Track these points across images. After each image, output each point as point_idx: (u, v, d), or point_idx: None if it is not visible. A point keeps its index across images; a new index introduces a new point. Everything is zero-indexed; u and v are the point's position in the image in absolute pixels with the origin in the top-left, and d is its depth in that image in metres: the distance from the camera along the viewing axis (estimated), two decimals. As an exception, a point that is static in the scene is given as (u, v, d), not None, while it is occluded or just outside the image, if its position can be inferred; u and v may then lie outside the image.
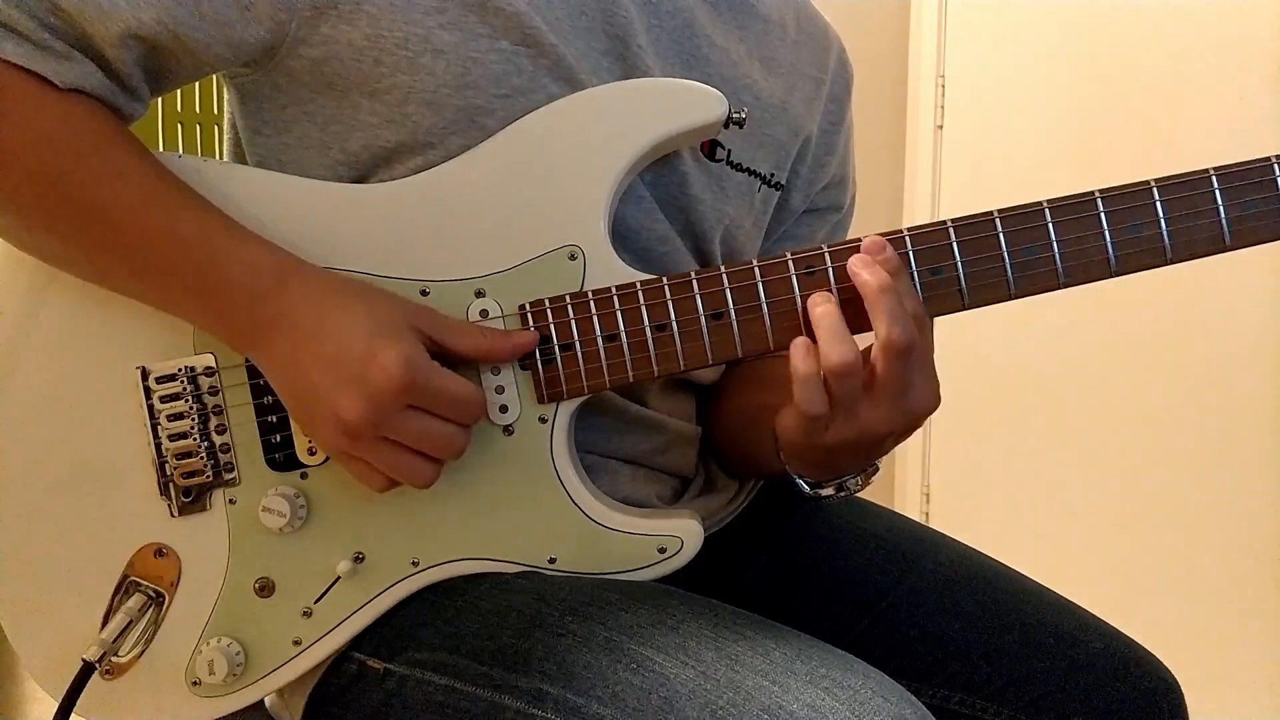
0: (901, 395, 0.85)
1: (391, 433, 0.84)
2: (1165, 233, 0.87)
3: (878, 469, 0.96)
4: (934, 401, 0.88)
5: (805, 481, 0.96)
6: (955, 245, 0.88)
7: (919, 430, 0.94)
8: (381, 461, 0.86)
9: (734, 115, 0.93)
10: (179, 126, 1.79)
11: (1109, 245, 0.87)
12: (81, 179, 0.85)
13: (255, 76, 0.94)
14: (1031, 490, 2.52)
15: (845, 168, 1.19)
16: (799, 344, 0.85)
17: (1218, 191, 0.87)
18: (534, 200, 0.91)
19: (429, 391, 0.83)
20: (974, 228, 0.88)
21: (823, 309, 0.86)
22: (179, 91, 1.79)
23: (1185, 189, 0.87)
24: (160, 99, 0.97)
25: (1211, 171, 0.87)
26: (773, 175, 1.07)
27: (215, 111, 0.99)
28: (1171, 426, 2.40)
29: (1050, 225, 0.87)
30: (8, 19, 0.83)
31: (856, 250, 0.88)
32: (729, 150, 1.01)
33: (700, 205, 1.00)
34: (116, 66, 0.87)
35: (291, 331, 0.84)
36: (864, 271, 0.85)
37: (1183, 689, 1.04)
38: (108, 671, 0.93)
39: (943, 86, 2.72)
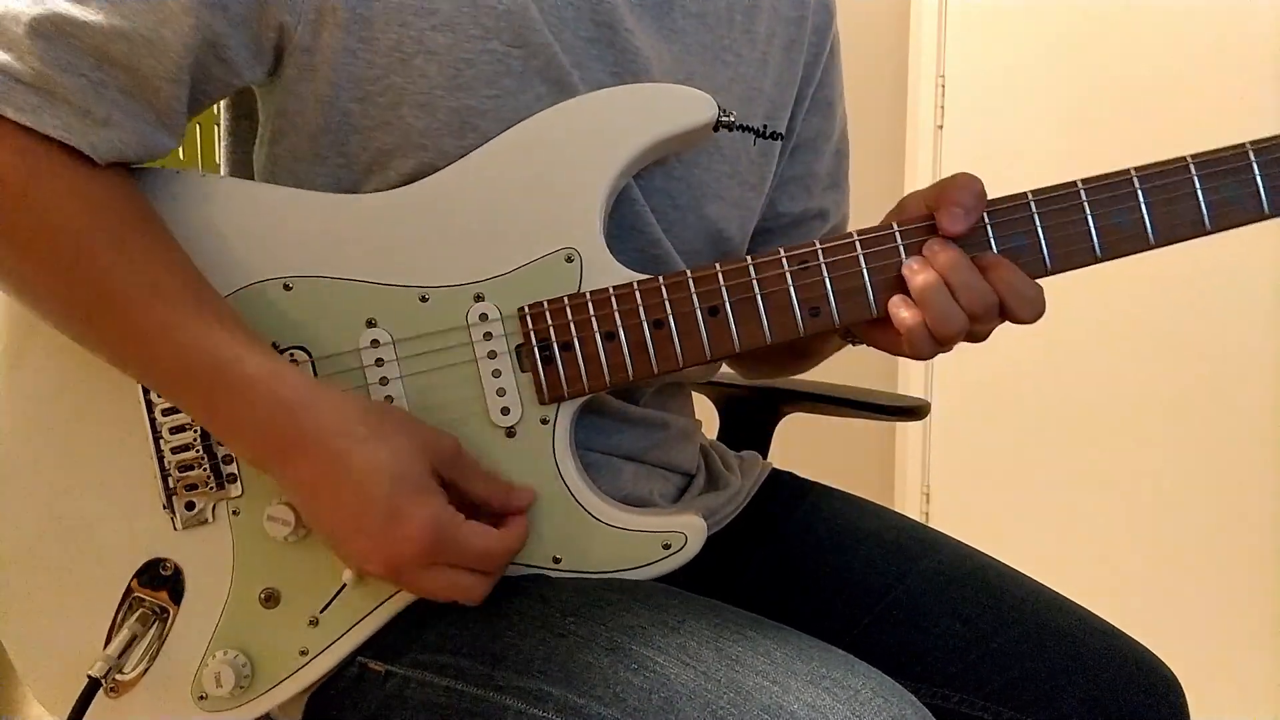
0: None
1: (410, 584, 0.85)
2: (1147, 218, 0.89)
3: None
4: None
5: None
6: (901, 248, 0.90)
7: (919, 430, 0.95)
8: (405, 589, 0.89)
9: (723, 118, 0.93)
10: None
11: (1093, 231, 0.89)
12: (98, 272, 0.83)
13: (270, 85, 0.94)
14: (1031, 490, 2.52)
15: (825, 91, 1.18)
16: (896, 302, 0.89)
17: (1196, 177, 0.89)
18: (530, 204, 0.91)
19: (454, 553, 0.83)
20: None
21: (923, 278, 0.88)
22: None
23: (1165, 176, 0.90)
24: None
25: (1189, 158, 0.90)
26: (766, 126, 1.07)
27: (215, 111, 0.99)
28: (1171, 426, 2.39)
29: (1035, 215, 0.89)
30: (49, 84, 0.81)
31: (850, 245, 0.89)
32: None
33: (695, 169, 1.01)
34: (166, 103, 0.86)
35: (309, 465, 0.83)
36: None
37: (1182, 688, 1.04)
38: (112, 689, 0.92)
39: (943, 86, 2.73)
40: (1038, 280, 0.90)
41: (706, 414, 1.22)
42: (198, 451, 0.91)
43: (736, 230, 1.06)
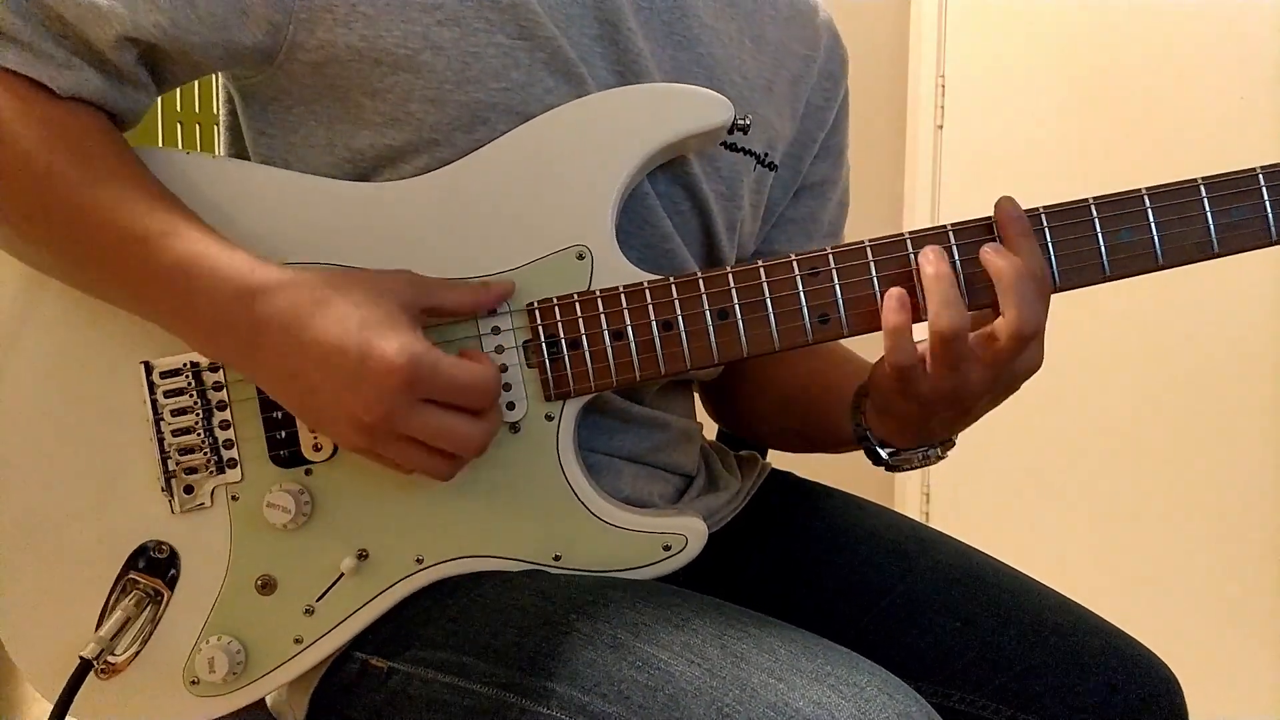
0: (1009, 363, 0.87)
1: (406, 430, 0.82)
2: (1156, 238, 0.89)
3: (953, 443, 0.98)
4: (1036, 365, 0.90)
5: (882, 448, 0.97)
6: (955, 248, 0.89)
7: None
8: (400, 458, 0.85)
9: (739, 121, 0.94)
10: (179, 126, 1.79)
11: (1102, 249, 0.89)
12: (64, 186, 0.84)
13: (259, 78, 0.94)
14: (1031, 490, 2.52)
15: (836, 139, 1.18)
16: (893, 295, 0.87)
17: (1206, 199, 0.89)
18: (542, 200, 0.91)
19: (437, 382, 0.81)
20: (973, 231, 0.90)
21: (935, 269, 0.87)
22: (179, 91, 1.78)
23: (1175, 197, 0.89)
24: (160, 99, 0.97)
25: (1200, 180, 0.89)
26: (766, 155, 1.07)
27: (215, 111, 0.99)
28: (1172, 426, 2.40)
29: (1046, 230, 0.89)
30: (8, 27, 0.83)
31: (862, 252, 0.89)
32: None
33: (703, 186, 1.01)
34: (117, 66, 0.87)
35: (280, 338, 0.82)
36: (998, 259, 0.87)
37: (1182, 688, 1.04)
38: (104, 670, 0.92)
39: (943, 86, 2.72)
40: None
41: (706, 414, 1.22)
42: (199, 435, 0.91)
43: (727, 247, 1.05)
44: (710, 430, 1.22)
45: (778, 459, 1.23)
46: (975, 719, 1.01)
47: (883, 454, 0.98)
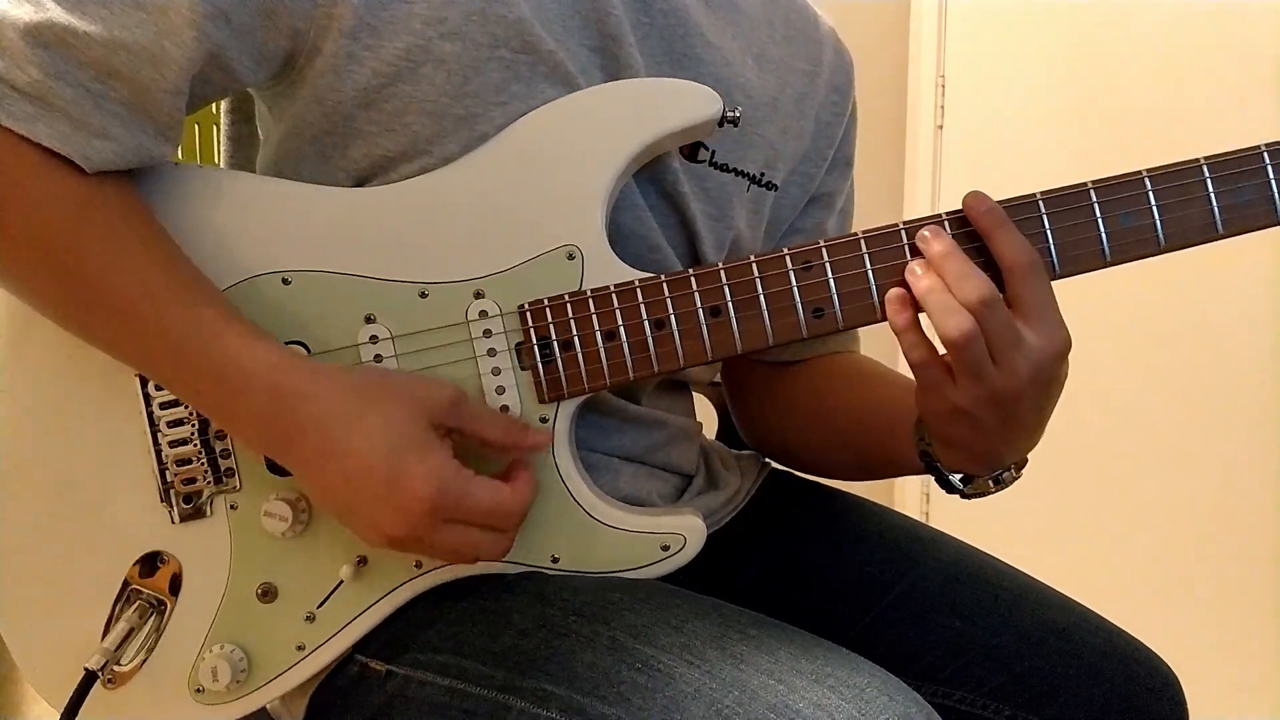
0: (1015, 347, 0.85)
1: (430, 544, 0.84)
2: (1158, 221, 0.88)
3: (1025, 462, 0.95)
4: (1060, 344, 0.86)
5: (953, 476, 0.96)
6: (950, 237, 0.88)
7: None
8: (424, 557, 0.90)
9: (728, 114, 0.93)
10: (178, 126, 1.78)
11: (1102, 235, 0.88)
12: (94, 272, 0.83)
13: (278, 88, 0.94)
14: (1031, 490, 2.50)
15: (845, 151, 1.18)
16: (892, 297, 0.87)
17: (1209, 180, 0.88)
18: (531, 200, 0.91)
19: (463, 507, 0.83)
20: (962, 221, 0.89)
21: (924, 284, 0.86)
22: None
23: (1177, 178, 0.88)
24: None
25: (1202, 160, 0.88)
26: (763, 175, 1.06)
27: (215, 111, 0.99)
28: (1172, 426, 2.39)
29: (1044, 216, 0.88)
30: (46, 93, 0.80)
31: (855, 244, 0.89)
32: (712, 151, 1.01)
33: (691, 205, 1.00)
34: (165, 114, 0.86)
35: (314, 445, 0.83)
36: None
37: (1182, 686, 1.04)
38: (110, 680, 0.92)
39: (943, 86, 2.72)
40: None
41: (706, 414, 1.22)
42: (195, 445, 0.91)
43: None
44: (710, 429, 1.22)
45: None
46: (976, 718, 1.01)
47: (954, 482, 0.96)
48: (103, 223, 0.84)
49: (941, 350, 0.86)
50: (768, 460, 1.23)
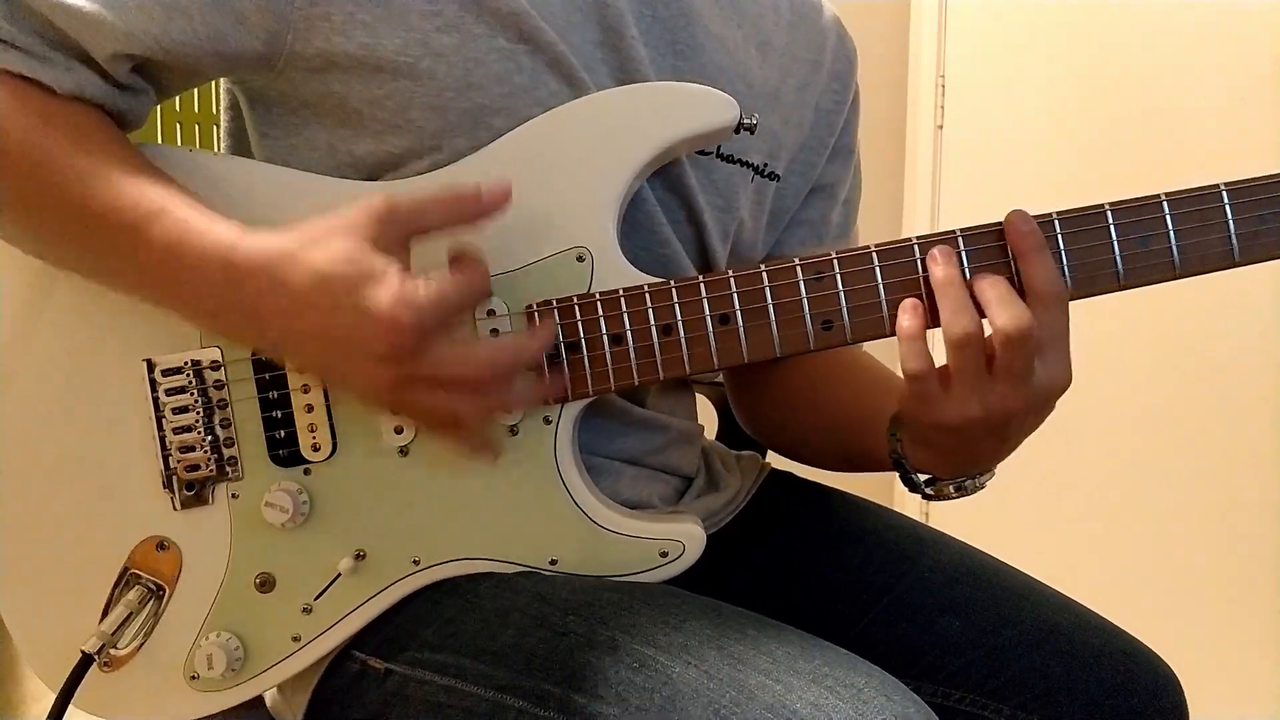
0: (1025, 378, 0.85)
1: (430, 372, 0.80)
2: (1174, 246, 0.87)
3: (993, 473, 0.96)
4: (1063, 382, 0.87)
5: (920, 476, 0.96)
6: (964, 254, 0.88)
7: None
8: (443, 406, 0.82)
9: (744, 121, 0.93)
10: (178, 126, 1.79)
11: (1117, 258, 0.88)
12: (59, 176, 0.84)
13: (261, 82, 0.93)
14: (1031, 490, 2.52)
15: (847, 139, 1.17)
16: (906, 304, 0.87)
17: (1228, 206, 0.87)
18: (543, 202, 0.91)
19: (440, 312, 0.79)
20: (982, 236, 0.88)
21: (944, 274, 0.86)
22: (179, 93, 1.79)
23: (1195, 203, 0.87)
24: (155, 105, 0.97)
25: (1222, 186, 0.87)
26: (766, 165, 1.06)
27: (215, 111, 0.99)
28: (1171, 426, 2.39)
29: (1059, 237, 0.87)
30: (7, 35, 0.83)
31: (867, 256, 0.88)
32: (719, 143, 1.01)
33: (697, 198, 1.00)
34: (114, 76, 0.88)
35: (275, 307, 0.80)
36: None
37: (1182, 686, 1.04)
38: (106, 664, 0.93)
39: (943, 86, 2.72)
40: None
41: (706, 414, 1.22)
42: (199, 433, 0.91)
43: (721, 256, 1.05)
44: (710, 429, 1.23)
45: (778, 459, 1.24)
46: (976, 718, 1.02)
47: (919, 481, 0.97)
48: (69, 127, 0.85)
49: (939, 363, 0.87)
50: (768, 460, 1.24)
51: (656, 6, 0.99)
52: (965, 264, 0.88)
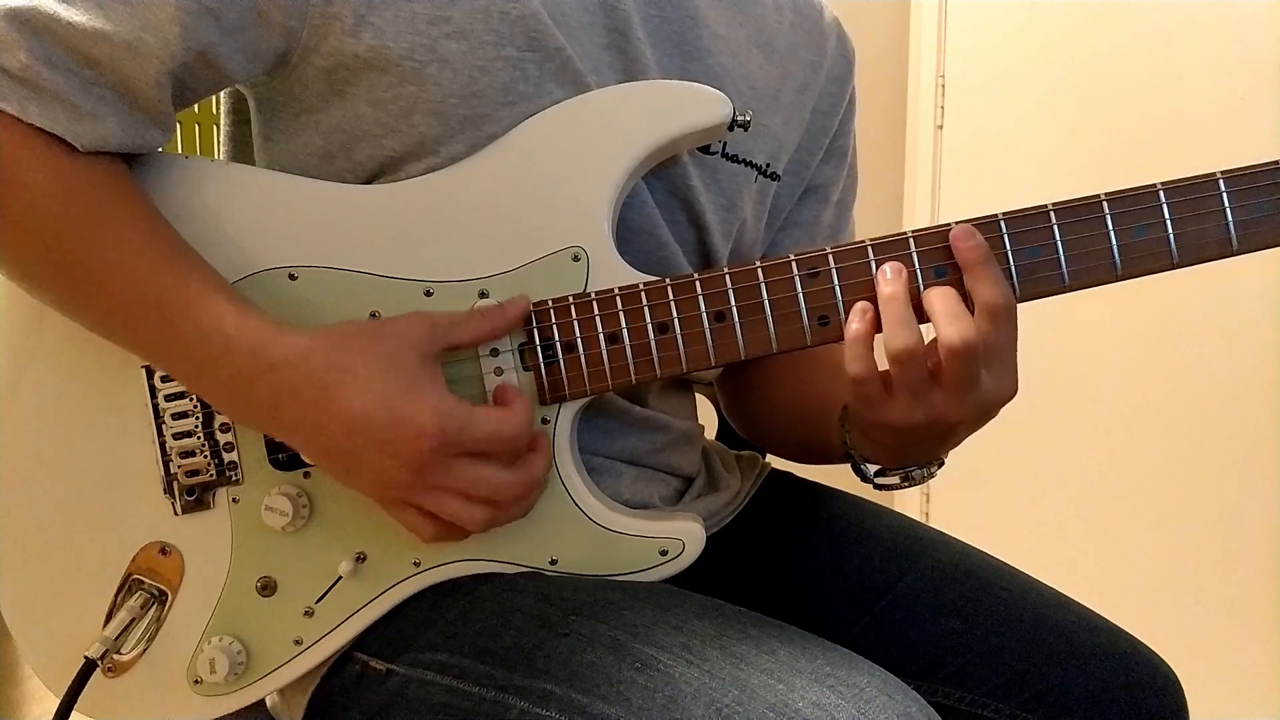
0: (970, 388, 0.85)
1: (442, 484, 0.84)
2: (1171, 236, 0.87)
3: (943, 462, 0.97)
4: (1009, 392, 0.88)
5: (869, 467, 0.97)
6: (916, 258, 0.88)
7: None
8: (437, 508, 0.85)
9: (738, 118, 0.93)
10: (178, 126, 1.79)
11: (1114, 248, 0.87)
12: (77, 242, 0.84)
13: (272, 84, 0.94)
14: (1031, 490, 2.52)
15: (841, 141, 1.17)
16: (859, 307, 0.87)
17: (1225, 194, 0.87)
18: (538, 201, 0.91)
19: (469, 436, 0.83)
20: (931, 239, 0.88)
21: (890, 290, 0.86)
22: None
23: (1192, 192, 0.87)
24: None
25: (1219, 174, 0.87)
26: (768, 165, 1.07)
27: (215, 111, 0.99)
28: (1172, 426, 2.39)
29: (1055, 227, 0.87)
30: (35, 76, 0.82)
31: (863, 251, 0.88)
32: (724, 143, 1.01)
33: (700, 199, 1.01)
34: (152, 104, 0.87)
35: (303, 412, 0.82)
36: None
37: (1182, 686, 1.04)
38: (109, 669, 0.93)
39: (943, 86, 2.72)
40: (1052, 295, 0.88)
41: (706, 414, 1.22)
42: (199, 438, 0.92)
43: (723, 257, 1.05)
44: (710, 429, 1.23)
45: (778, 459, 1.24)
46: (976, 718, 1.02)
47: (868, 472, 0.98)
48: (89, 198, 0.85)
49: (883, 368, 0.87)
50: (768, 460, 1.24)
51: (663, 7, 0.99)
52: (918, 269, 0.88)
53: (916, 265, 0.88)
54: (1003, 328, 0.86)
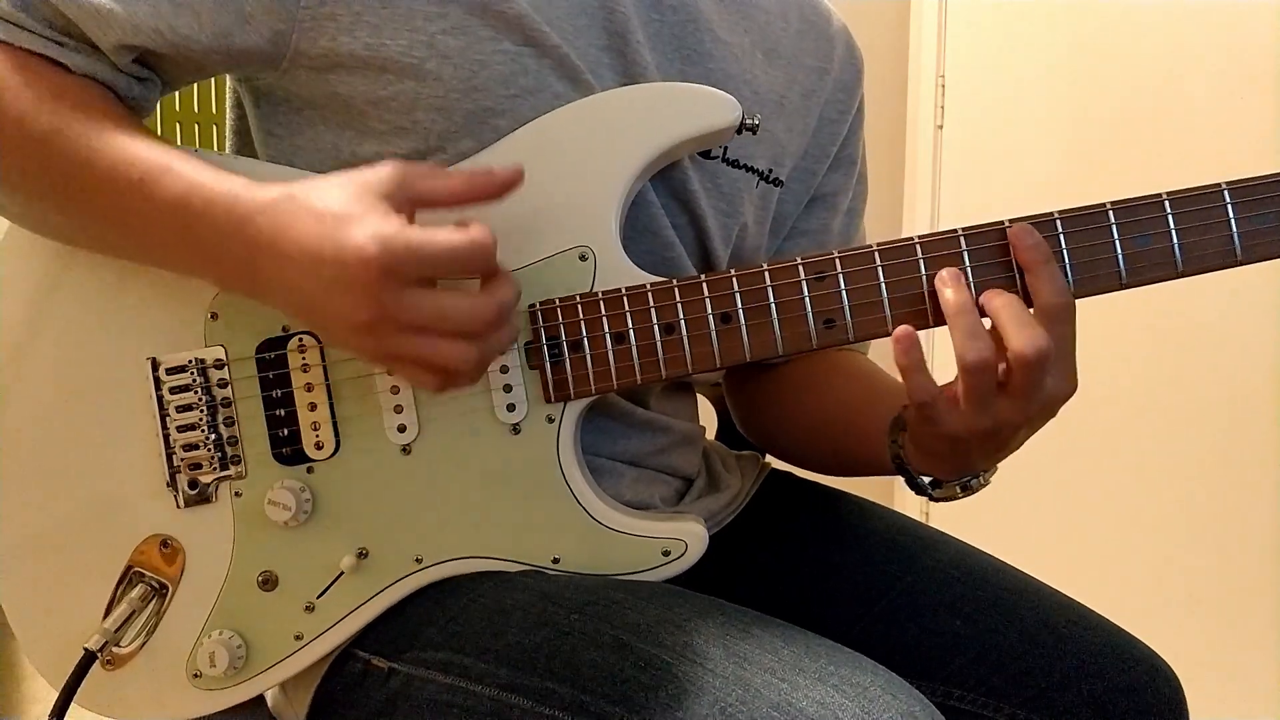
0: (1037, 393, 0.84)
1: (405, 317, 0.78)
2: (1176, 246, 0.87)
3: (996, 469, 0.96)
4: (1069, 391, 0.87)
5: (922, 478, 0.96)
6: (966, 254, 0.88)
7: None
8: (419, 352, 0.80)
9: (746, 121, 0.93)
10: (178, 126, 1.79)
11: (1119, 257, 0.88)
12: (66, 140, 0.85)
13: (267, 80, 0.94)
14: (1031, 490, 2.51)
15: (849, 149, 1.17)
16: (901, 337, 0.84)
17: (1230, 205, 0.87)
18: (546, 201, 0.91)
19: (417, 257, 0.77)
20: (984, 236, 0.88)
21: (958, 300, 0.85)
22: (180, 92, 1.79)
23: (1197, 202, 0.87)
24: (160, 100, 0.98)
25: (1224, 185, 0.87)
26: (770, 171, 1.06)
27: (215, 111, 0.99)
28: (1172, 425, 2.39)
29: (1061, 235, 0.88)
30: (20, 20, 0.86)
31: (870, 256, 0.88)
32: (725, 147, 1.01)
33: (700, 203, 1.00)
34: (121, 67, 0.90)
35: (271, 254, 0.79)
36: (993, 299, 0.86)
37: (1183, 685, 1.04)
38: (109, 661, 0.93)
39: (943, 86, 2.72)
40: None
41: (706, 414, 1.22)
42: (203, 431, 0.92)
43: (723, 260, 1.05)
44: (710, 429, 1.23)
45: (778, 460, 1.24)
46: (977, 717, 1.02)
47: (924, 484, 0.97)
48: (78, 99, 0.87)
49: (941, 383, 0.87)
50: (768, 460, 1.24)
51: (663, 11, 0.99)
52: (969, 267, 0.88)
53: (922, 270, 0.88)
54: (1065, 328, 0.86)
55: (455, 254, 0.79)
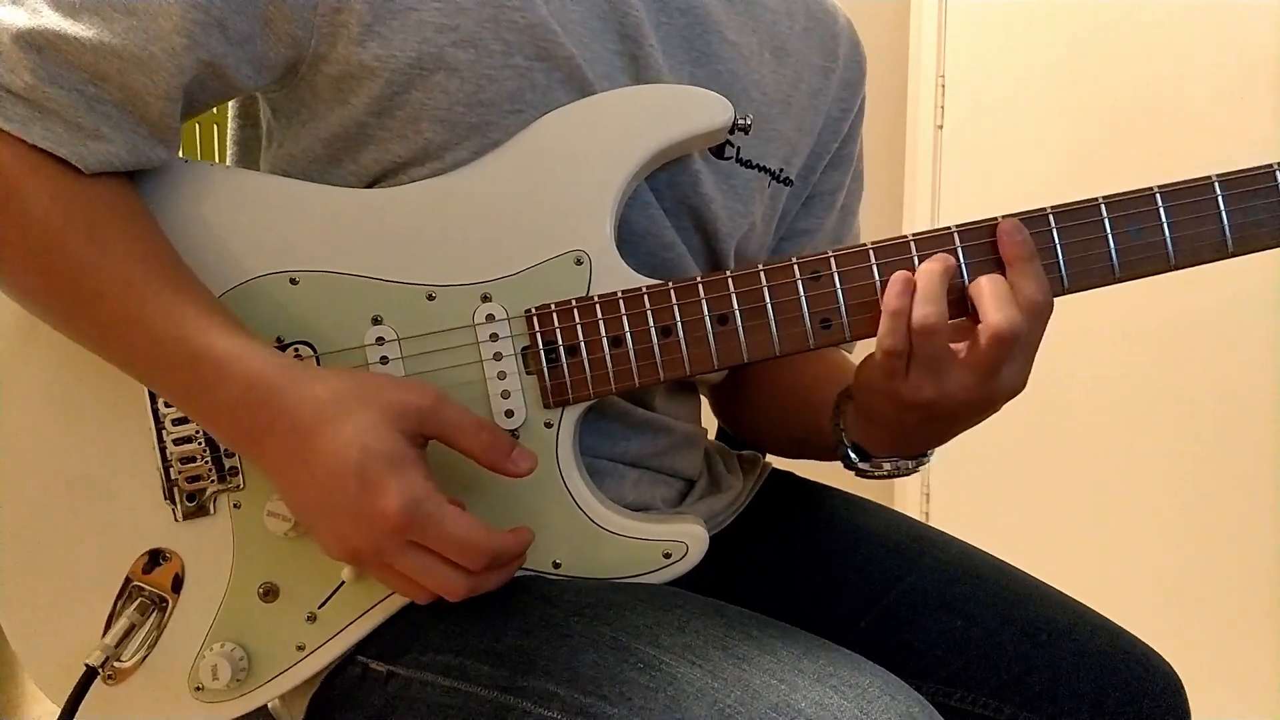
0: (992, 375, 0.86)
1: (392, 564, 0.82)
2: (1168, 239, 0.88)
3: (928, 459, 0.98)
4: (1018, 388, 0.88)
5: (857, 453, 0.98)
6: (960, 250, 0.88)
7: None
8: (381, 580, 0.86)
9: (739, 121, 0.93)
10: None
11: (1112, 251, 0.88)
12: (74, 268, 0.84)
13: (284, 93, 0.94)
14: (1031, 489, 2.52)
15: (849, 147, 1.17)
16: (898, 278, 0.86)
17: (1221, 197, 0.87)
18: (540, 205, 0.91)
19: (430, 534, 0.81)
20: (978, 233, 0.89)
21: (927, 266, 0.87)
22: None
23: (1188, 195, 0.88)
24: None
25: (1215, 178, 0.88)
26: (781, 170, 1.07)
27: (215, 111, 0.99)
28: (1172, 425, 2.39)
29: (1054, 230, 0.88)
30: (40, 97, 0.82)
31: (864, 255, 0.88)
32: (738, 148, 1.01)
33: (712, 205, 1.00)
34: (159, 119, 0.87)
35: (286, 443, 0.82)
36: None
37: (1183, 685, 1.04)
38: (110, 677, 0.92)
39: (943, 86, 2.72)
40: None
41: (707, 415, 1.22)
42: (200, 444, 0.91)
43: (730, 260, 1.05)
44: (710, 429, 1.23)
45: (778, 459, 1.24)
46: (977, 717, 1.02)
47: (854, 458, 0.99)
48: (87, 219, 0.84)
49: None
50: (768, 461, 1.24)
51: (674, 14, 0.99)
52: (964, 264, 0.88)
53: (915, 263, 0.88)
54: (1037, 325, 0.87)
55: (465, 548, 0.82)
